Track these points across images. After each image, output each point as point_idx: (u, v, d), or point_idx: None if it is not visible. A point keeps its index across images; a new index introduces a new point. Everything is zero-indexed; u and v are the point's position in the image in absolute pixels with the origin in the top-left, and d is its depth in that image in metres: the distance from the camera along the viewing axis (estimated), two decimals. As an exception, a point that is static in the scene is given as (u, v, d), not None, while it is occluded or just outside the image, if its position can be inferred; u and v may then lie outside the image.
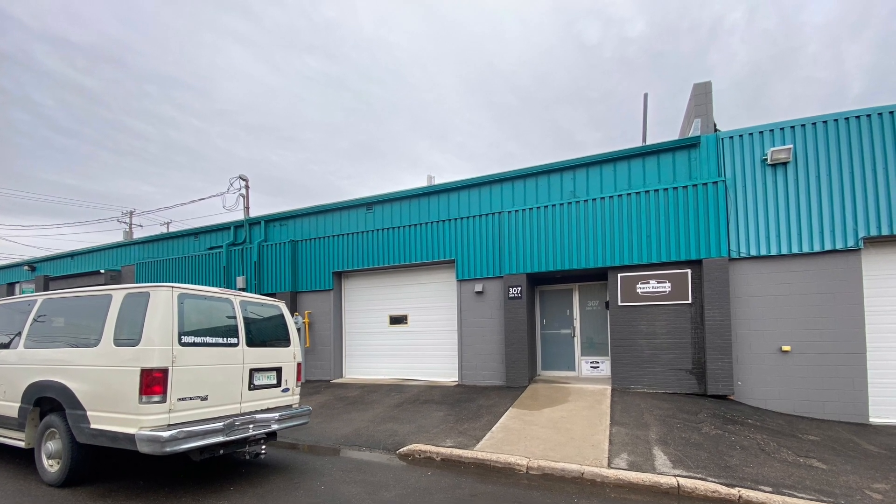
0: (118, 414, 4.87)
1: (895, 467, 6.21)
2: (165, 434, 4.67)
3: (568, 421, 7.97)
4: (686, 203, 9.67)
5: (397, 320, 13.42)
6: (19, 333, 6.12)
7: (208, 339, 5.49)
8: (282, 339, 6.64)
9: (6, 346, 6.22)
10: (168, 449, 4.65)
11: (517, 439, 7.18)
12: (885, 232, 8.56)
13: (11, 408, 5.86)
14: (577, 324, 11.89)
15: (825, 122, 9.06)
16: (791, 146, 9.08)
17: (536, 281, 12.17)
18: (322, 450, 7.40)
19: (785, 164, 9.21)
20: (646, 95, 14.78)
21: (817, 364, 8.79)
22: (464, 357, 11.95)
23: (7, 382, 5.97)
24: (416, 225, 12.79)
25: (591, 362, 11.62)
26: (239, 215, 19.30)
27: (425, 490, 5.49)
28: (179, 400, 4.99)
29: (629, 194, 10.17)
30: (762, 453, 6.53)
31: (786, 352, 8.95)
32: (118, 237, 28.05)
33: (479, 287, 11.80)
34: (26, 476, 5.88)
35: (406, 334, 13.27)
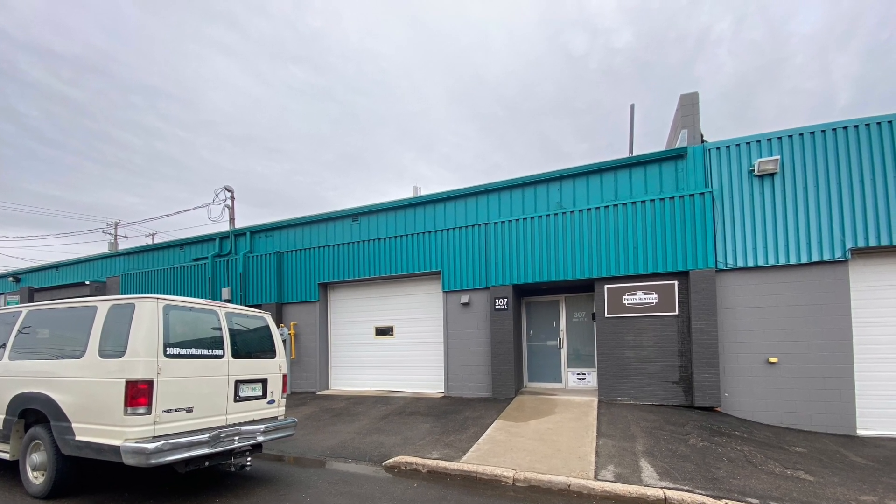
0: (103, 426, 4.98)
1: (883, 479, 6.32)
2: (150, 446, 4.76)
3: (554, 433, 8.13)
4: (673, 214, 9.87)
5: (383, 332, 13.61)
6: (4, 345, 6.22)
7: (193, 351, 5.61)
8: (267, 351, 6.77)
9: (-10, 357, 6.29)
10: (153, 461, 4.75)
11: (503, 451, 7.33)
12: (872, 243, 8.73)
13: (-5, 420, 5.94)
14: (563, 335, 12.07)
15: (812, 132, 9.23)
16: (778, 157, 9.25)
17: (523, 292, 12.36)
18: (308, 462, 7.52)
19: (772, 175, 9.38)
20: (632, 106, 15.08)
21: (805, 376, 8.94)
22: (450, 369, 12.12)
23: (-9, 394, 6.04)
24: (402, 236, 12.99)
25: (578, 374, 11.79)
26: (224, 226, 19.56)
27: (411, 502, 5.64)
28: (164, 412, 5.10)
29: (616, 205, 10.37)
30: (749, 465, 6.65)
31: (773, 363, 9.11)
32: (103, 248, 28.15)
33: (465, 298, 11.99)
34: (11, 488, 5.98)
35: (392, 346, 13.44)
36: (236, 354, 6.17)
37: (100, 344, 5.33)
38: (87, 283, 18.66)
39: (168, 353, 5.27)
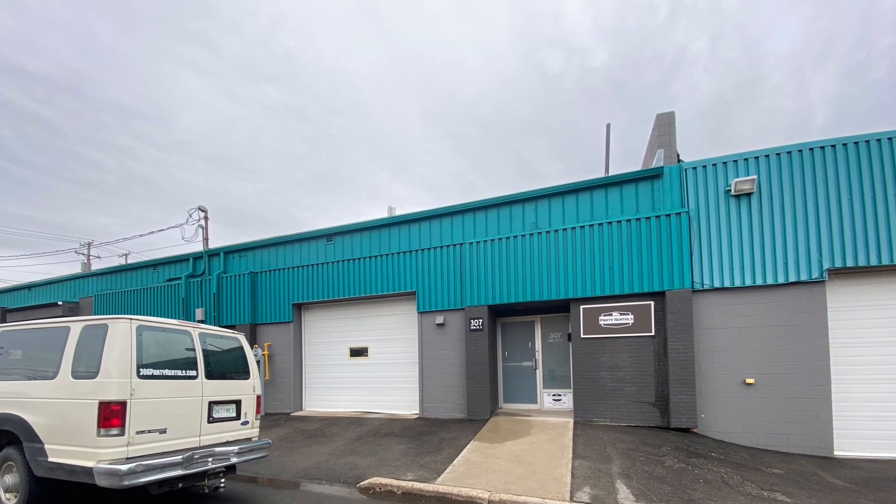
0: (76, 447, 5.18)
1: (860, 501, 6.53)
2: (124, 467, 4.98)
3: (530, 454, 8.41)
4: (649, 234, 10.21)
5: (358, 353, 13.94)
6: (-25, 367, 6.37)
7: (167, 372, 5.85)
8: (241, 372, 7.04)
9: (-38, 379, 6.44)
10: (126, 482, 4.96)
11: (479, 473, 7.59)
12: (849, 263, 9.06)
13: (-33, 442, 6.06)
14: (539, 356, 12.38)
15: (789, 152, 9.55)
16: (755, 177, 9.58)
17: (498, 313, 12.66)
18: (282, 483, 7.75)
19: (749, 194, 9.72)
20: (608, 126, 15.47)
21: (782, 397, 9.23)
22: (425, 390, 12.44)
23: (-38, 416, 6.19)
24: (376, 256, 13.36)
25: (554, 395, 12.08)
26: (198, 247, 19.85)
27: (383, 522, 5.91)
28: (138, 433, 5.32)
29: (592, 225, 10.72)
30: (726, 487, 6.89)
31: (750, 384, 9.43)
32: (76, 269, 28.11)
33: (440, 319, 12.31)
34: (-21, 511, 6.13)
35: (366, 367, 13.75)
36: (210, 375, 6.41)
37: (73, 365, 5.52)
38: (60, 303, 18.81)
39: (141, 373, 5.48)
